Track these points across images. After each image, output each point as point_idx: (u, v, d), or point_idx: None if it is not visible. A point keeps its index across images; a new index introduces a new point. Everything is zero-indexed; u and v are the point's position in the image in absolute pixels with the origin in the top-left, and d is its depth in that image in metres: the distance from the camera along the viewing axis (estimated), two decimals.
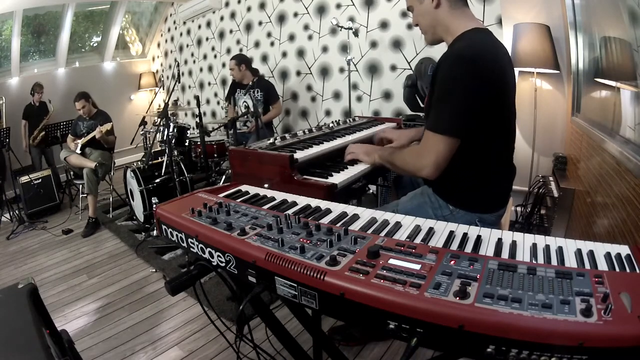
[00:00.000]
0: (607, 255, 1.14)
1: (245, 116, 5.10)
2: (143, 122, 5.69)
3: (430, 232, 1.36)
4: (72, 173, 5.66)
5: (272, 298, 2.97)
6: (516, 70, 3.80)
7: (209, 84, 7.63)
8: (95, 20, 7.94)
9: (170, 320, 3.04)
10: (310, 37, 5.75)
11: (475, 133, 1.75)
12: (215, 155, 5.10)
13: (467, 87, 1.68)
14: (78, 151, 5.27)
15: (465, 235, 1.32)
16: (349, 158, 2.45)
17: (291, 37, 5.98)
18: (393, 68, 4.96)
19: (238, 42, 6.77)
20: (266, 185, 2.00)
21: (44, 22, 7.07)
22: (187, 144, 5.31)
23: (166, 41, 8.48)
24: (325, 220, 1.50)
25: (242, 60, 5.36)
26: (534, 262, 1.11)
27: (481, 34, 1.82)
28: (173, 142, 4.78)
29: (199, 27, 7.52)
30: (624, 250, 1.17)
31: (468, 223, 1.42)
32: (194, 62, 7.84)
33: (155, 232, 4.46)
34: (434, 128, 1.76)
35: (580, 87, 3.43)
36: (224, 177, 4.92)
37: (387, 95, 5.10)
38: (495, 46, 1.82)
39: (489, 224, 1.93)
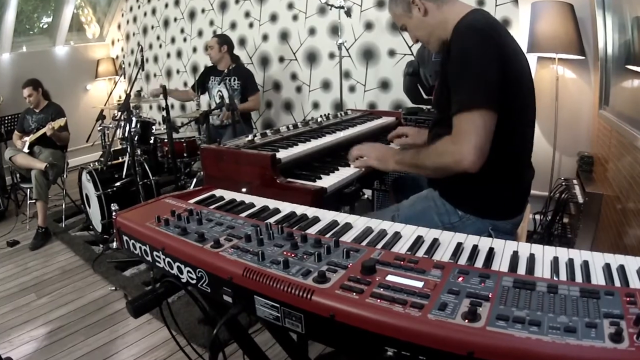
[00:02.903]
0: None
1: (220, 109, 5.09)
2: (101, 116, 5.66)
3: (435, 243, 1.36)
4: (18, 175, 5.58)
5: (251, 320, 2.96)
6: (534, 56, 3.82)
7: (178, 71, 7.60)
8: None
9: (132, 346, 3.02)
10: (295, 18, 5.75)
11: None
12: (185, 154, 5.08)
13: (485, 53, 1.73)
14: (25, 150, 5.23)
15: (475, 247, 1.32)
16: (358, 165, 2.36)
17: (273, 18, 5.98)
18: (391, 53, 4.98)
19: (211, 22, 6.76)
20: (244, 190, 2.00)
21: None
22: (152, 141, 5.27)
23: (128, 22, 8.43)
24: (313, 230, 1.51)
25: (225, 41, 5.42)
26: (555, 278, 1.12)
27: (484, 13, 1.93)
28: (136, 139, 4.74)
29: (166, 5, 7.49)
30: None
31: (480, 231, 1.42)
32: (160, 46, 7.81)
33: (115, 244, 4.43)
34: (463, 107, 1.75)
35: (609, 75, 3.44)
36: (195, 180, 4.90)
37: (384, 85, 5.12)
38: (501, 25, 1.93)
39: (504, 232, 1.94)
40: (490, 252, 1.29)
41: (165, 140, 4.90)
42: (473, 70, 1.74)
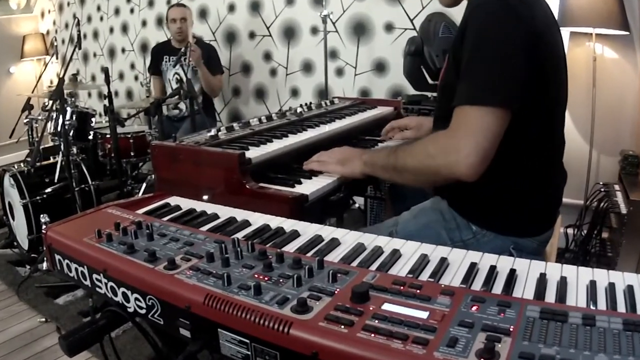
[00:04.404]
0: None
1: (177, 96, 5.08)
2: (28, 106, 5.62)
3: (443, 264, 1.36)
4: None
5: None
6: (566, 31, 3.83)
7: (123, 50, 7.59)
8: None
9: None
10: None
11: (513, 118, 1.71)
12: (132, 153, 5.07)
13: (510, 36, 1.66)
14: None
15: (493, 268, 1.32)
16: (312, 167, 2.33)
17: None
18: (389, 28, 5.00)
19: None
20: (205, 197, 1.99)
21: None
22: (91, 137, 5.25)
23: None
24: (291, 248, 1.51)
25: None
26: (592, 307, 1.12)
27: None
28: (71, 134, 4.73)
29: None
30: None
31: (499, 251, 1.42)
32: (102, 19, 7.78)
33: (45, 265, 4.40)
34: (471, 99, 1.67)
35: None
36: (144, 185, 4.89)
37: (380, 67, 5.14)
38: None
39: (529, 252, 1.93)
40: (512, 275, 1.28)
41: (108, 136, 4.89)
42: (491, 56, 1.67)
